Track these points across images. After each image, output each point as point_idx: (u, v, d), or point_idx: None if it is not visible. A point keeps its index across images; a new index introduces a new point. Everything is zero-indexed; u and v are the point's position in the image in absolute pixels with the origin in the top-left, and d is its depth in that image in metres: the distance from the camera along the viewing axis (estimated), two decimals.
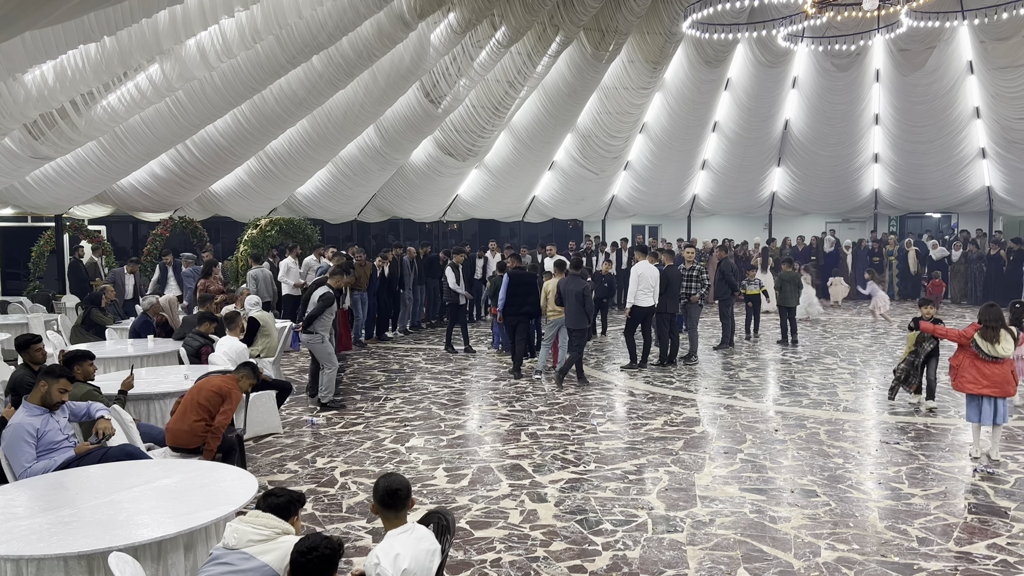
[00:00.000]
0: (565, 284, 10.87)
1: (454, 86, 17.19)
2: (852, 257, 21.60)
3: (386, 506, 3.53)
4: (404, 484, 3.59)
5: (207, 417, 6.00)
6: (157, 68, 11.71)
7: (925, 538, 5.59)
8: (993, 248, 20.06)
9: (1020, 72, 18.85)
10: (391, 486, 3.55)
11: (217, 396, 6.06)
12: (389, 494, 3.53)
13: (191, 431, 5.99)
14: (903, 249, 21.30)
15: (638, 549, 5.44)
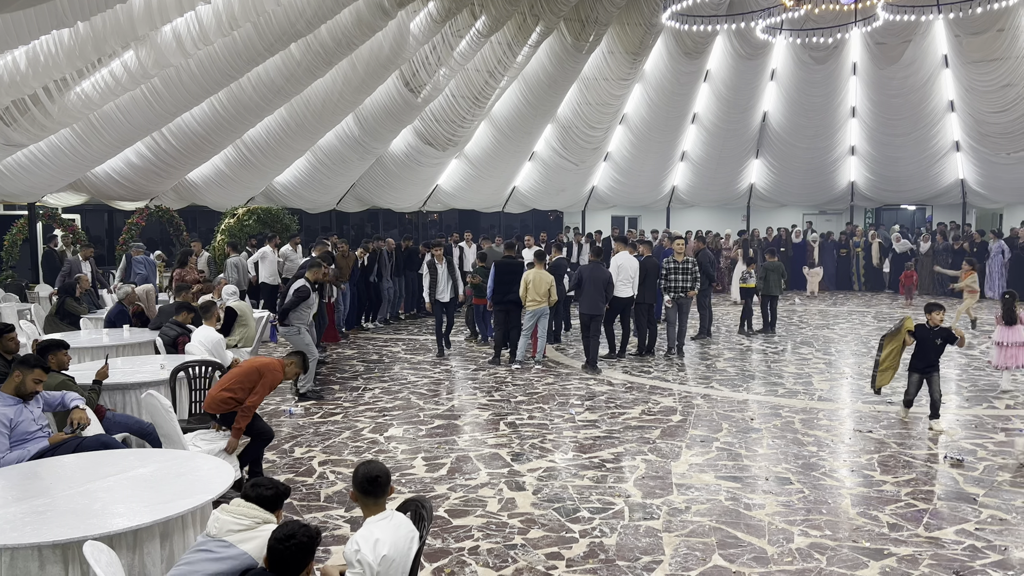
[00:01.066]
0: (590, 271, 11.22)
1: (434, 75, 17.13)
2: (819, 249, 21.88)
3: (366, 493, 3.54)
4: (384, 471, 3.60)
5: (237, 391, 6.02)
6: (132, 55, 11.56)
7: (895, 524, 5.69)
8: (957, 243, 20.38)
9: (994, 66, 19.09)
10: (371, 473, 3.56)
11: (256, 373, 6.06)
12: (369, 481, 3.54)
13: (217, 397, 6.05)
14: (868, 241, 21.68)
15: (615, 536, 5.50)
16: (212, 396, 6.13)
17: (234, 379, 6.08)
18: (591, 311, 11.14)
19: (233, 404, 6.00)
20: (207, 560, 3.31)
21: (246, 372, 6.11)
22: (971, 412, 8.83)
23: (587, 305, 11.14)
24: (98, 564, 3.19)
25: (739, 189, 25.10)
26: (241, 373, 6.11)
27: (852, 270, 22.11)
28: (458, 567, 5.03)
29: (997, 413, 8.76)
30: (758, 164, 24.46)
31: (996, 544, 5.34)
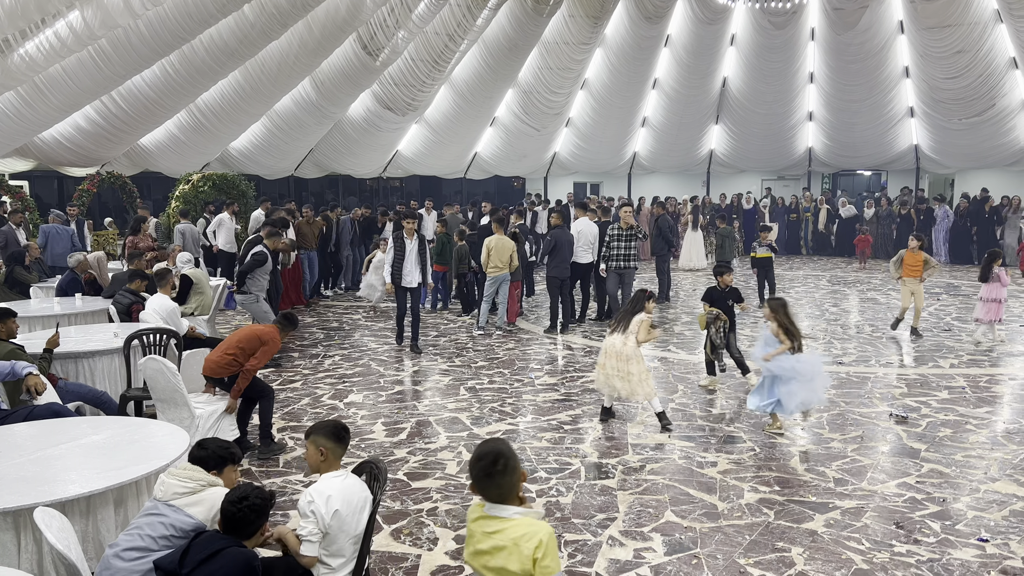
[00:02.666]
0: (559, 235, 11.36)
1: (392, 38, 16.87)
2: (769, 214, 22.25)
3: (339, 440, 3.62)
4: (347, 430, 3.73)
5: (239, 354, 6.15)
6: (77, 15, 11.19)
7: (841, 479, 5.89)
8: (903, 207, 20.85)
9: (947, 32, 19.37)
10: (339, 423, 3.71)
11: (257, 340, 6.20)
12: (341, 428, 3.67)
13: (219, 361, 6.18)
14: (817, 207, 22.15)
15: (571, 495, 5.61)
16: (213, 360, 6.24)
17: (235, 343, 6.20)
18: (562, 275, 11.27)
19: (236, 367, 6.15)
20: (157, 523, 3.32)
21: (248, 337, 6.23)
22: (917, 371, 9.12)
23: (559, 268, 11.26)
24: (49, 530, 3.18)
25: (699, 155, 25.27)
26: (243, 338, 6.23)
27: (800, 235, 22.59)
28: (416, 528, 5.11)
29: (941, 372, 9.05)
30: (718, 130, 24.62)
31: (935, 496, 5.56)
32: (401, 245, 9.98)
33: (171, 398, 5.82)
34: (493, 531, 2.59)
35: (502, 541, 2.52)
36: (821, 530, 5.03)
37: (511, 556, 2.47)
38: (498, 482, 2.63)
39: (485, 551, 2.56)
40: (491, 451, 2.66)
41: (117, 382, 6.95)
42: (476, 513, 2.67)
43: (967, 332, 11.26)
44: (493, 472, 2.63)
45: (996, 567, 4.56)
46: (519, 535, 2.52)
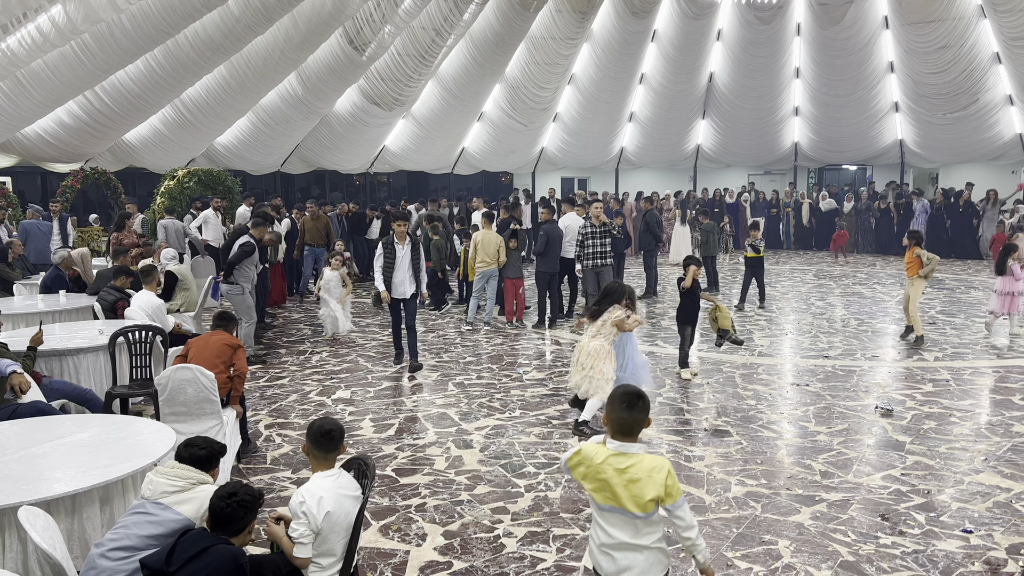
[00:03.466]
0: (551, 229, 11.33)
1: (379, 33, 16.80)
2: (750, 209, 22.38)
3: (317, 445, 3.58)
4: (338, 426, 3.65)
5: (223, 367, 5.85)
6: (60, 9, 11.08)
7: (827, 471, 5.93)
8: (882, 202, 21.01)
9: (932, 28, 19.50)
10: (324, 427, 3.62)
11: (227, 348, 5.94)
12: (323, 434, 3.59)
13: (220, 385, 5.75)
14: (798, 202, 22.28)
15: (559, 490, 5.62)
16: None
17: (210, 360, 5.79)
18: (551, 269, 11.30)
19: (227, 381, 5.86)
20: (144, 522, 3.30)
21: (218, 351, 5.88)
22: (902, 364, 9.19)
23: (548, 263, 11.26)
24: (34, 529, 3.15)
25: (686, 150, 25.33)
26: (213, 354, 5.84)
27: (781, 229, 22.71)
28: (405, 524, 5.10)
29: (926, 365, 9.13)
30: (704, 125, 24.68)
31: (920, 488, 5.61)
32: (391, 251, 8.74)
33: (198, 409, 5.51)
34: (626, 466, 2.96)
35: (637, 473, 2.92)
36: (808, 523, 5.07)
37: (647, 485, 2.90)
38: (637, 417, 3.03)
39: (620, 483, 2.95)
40: (635, 390, 3.12)
41: (102, 379, 6.90)
42: (602, 455, 3.01)
43: (952, 325, 11.36)
44: (635, 407, 3.03)
45: (980, 558, 4.60)
46: (651, 467, 2.94)
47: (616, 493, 2.97)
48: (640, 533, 2.98)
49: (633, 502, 2.94)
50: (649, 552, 2.99)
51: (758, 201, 22.95)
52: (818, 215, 22.13)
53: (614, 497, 2.98)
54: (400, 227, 8.81)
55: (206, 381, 5.49)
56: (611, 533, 3.01)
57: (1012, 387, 8.19)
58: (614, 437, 3.06)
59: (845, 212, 21.54)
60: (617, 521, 3.00)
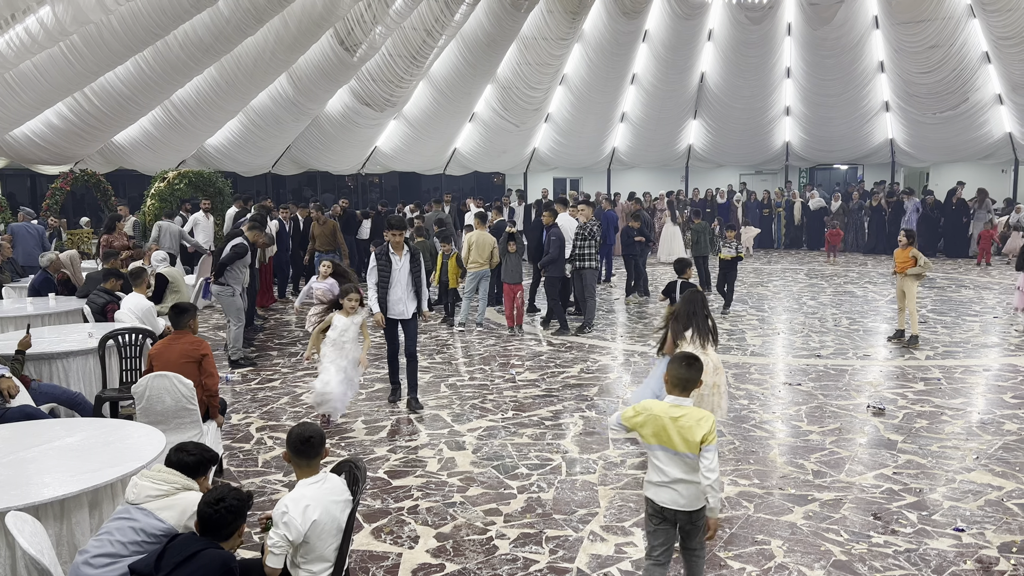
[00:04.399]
0: (559, 233, 10.90)
1: (370, 34, 16.77)
2: (742, 209, 22.44)
3: (298, 453, 3.52)
4: (317, 432, 3.58)
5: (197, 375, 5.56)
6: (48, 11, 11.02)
7: (819, 471, 5.94)
8: (875, 199, 21.09)
9: (922, 27, 19.58)
10: (304, 434, 3.54)
11: (192, 362, 5.54)
12: (302, 441, 3.52)
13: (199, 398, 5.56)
14: (790, 201, 22.35)
15: (552, 491, 5.61)
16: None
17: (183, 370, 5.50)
18: (561, 273, 10.98)
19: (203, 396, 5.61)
20: (126, 528, 3.27)
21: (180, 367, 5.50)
22: (893, 363, 9.21)
23: (558, 268, 10.92)
24: (21, 535, 3.12)
25: (678, 150, 25.36)
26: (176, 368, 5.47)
27: (773, 229, 22.77)
28: (397, 526, 5.08)
29: (917, 363, 9.15)
30: (696, 125, 24.72)
31: (912, 487, 5.62)
32: (387, 263, 7.43)
33: (176, 418, 5.37)
34: (679, 415, 3.69)
35: (688, 421, 3.65)
36: (800, 522, 5.07)
37: (695, 429, 3.62)
38: (693, 376, 3.76)
39: (675, 429, 3.66)
40: (693, 355, 3.87)
41: (92, 383, 6.85)
42: (661, 407, 3.76)
43: (943, 324, 11.40)
44: (692, 367, 3.77)
45: (972, 556, 4.61)
46: (699, 417, 3.67)
47: (671, 437, 3.67)
48: (688, 469, 3.68)
49: (684, 444, 3.64)
50: (695, 485, 3.68)
51: (750, 201, 22.99)
52: (808, 214, 22.23)
53: (669, 440, 3.68)
54: (396, 236, 7.45)
55: (184, 390, 5.32)
56: (665, 471, 3.73)
57: (1003, 385, 8.22)
58: (671, 392, 3.79)
59: (833, 211, 21.63)
60: (670, 460, 3.71)
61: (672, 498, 3.73)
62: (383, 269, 7.44)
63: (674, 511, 3.75)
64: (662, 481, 3.75)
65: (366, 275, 7.78)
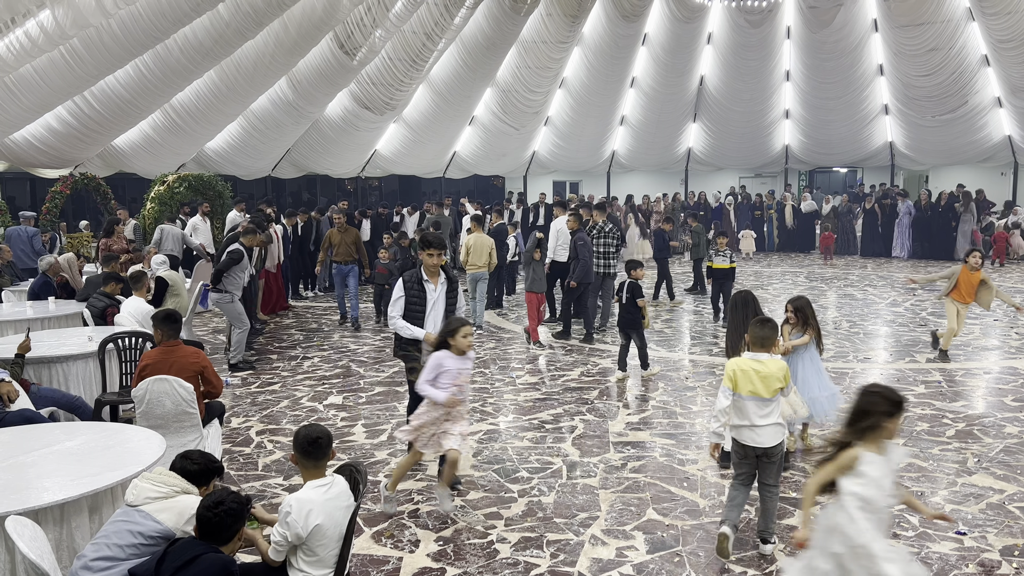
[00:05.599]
0: (584, 239, 10.58)
1: (369, 37, 16.77)
2: (735, 212, 22.44)
3: (306, 455, 3.53)
4: (325, 433, 3.59)
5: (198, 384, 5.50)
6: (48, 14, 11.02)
7: None
8: (868, 201, 21.12)
9: (920, 30, 19.61)
10: (311, 435, 3.55)
11: (194, 376, 5.45)
12: (310, 442, 3.53)
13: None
14: (781, 204, 22.39)
15: (552, 495, 5.60)
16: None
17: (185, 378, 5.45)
18: (588, 279, 10.64)
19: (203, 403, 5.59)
20: (124, 531, 3.26)
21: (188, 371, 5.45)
22: (894, 366, 9.20)
23: (585, 273, 10.56)
24: (21, 539, 3.11)
25: (677, 153, 25.38)
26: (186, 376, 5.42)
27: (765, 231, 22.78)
28: (398, 530, 5.07)
29: (918, 367, 9.14)
30: (696, 128, 24.74)
31: (914, 490, 5.61)
32: (419, 293, 5.85)
33: (176, 422, 5.35)
34: (760, 367, 4.55)
35: (768, 370, 4.54)
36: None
37: (774, 377, 4.53)
38: (768, 334, 4.61)
39: (758, 378, 4.52)
40: (766, 317, 4.83)
41: (92, 386, 6.84)
42: (746, 362, 4.59)
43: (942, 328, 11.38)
44: (767, 326, 4.65)
45: (974, 560, 4.60)
46: (777, 367, 4.57)
47: (755, 385, 4.53)
48: (766, 413, 4.55)
49: (766, 390, 4.51)
50: (775, 426, 4.58)
51: (742, 204, 23.01)
52: (800, 217, 22.25)
53: (754, 388, 4.53)
54: (434, 258, 5.84)
55: (184, 393, 5.30)
56: (748, 415, 4.57)
57: (1004, 388, 8.21)
58: (751, 349, 4.66)
59: (824, 214, 21.69)
60: (753, 406, 4.54)
61: (751, 437, 4.59)
62: (414, 301, 5.86)
63: (753, 447, 4.60)
64: (746, 424, 4.59)
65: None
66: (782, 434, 4.61)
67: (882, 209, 20.64)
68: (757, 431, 4.57)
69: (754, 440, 4.59)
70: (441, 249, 5.90)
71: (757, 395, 4.51)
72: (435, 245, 5.86)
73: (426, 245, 5.89)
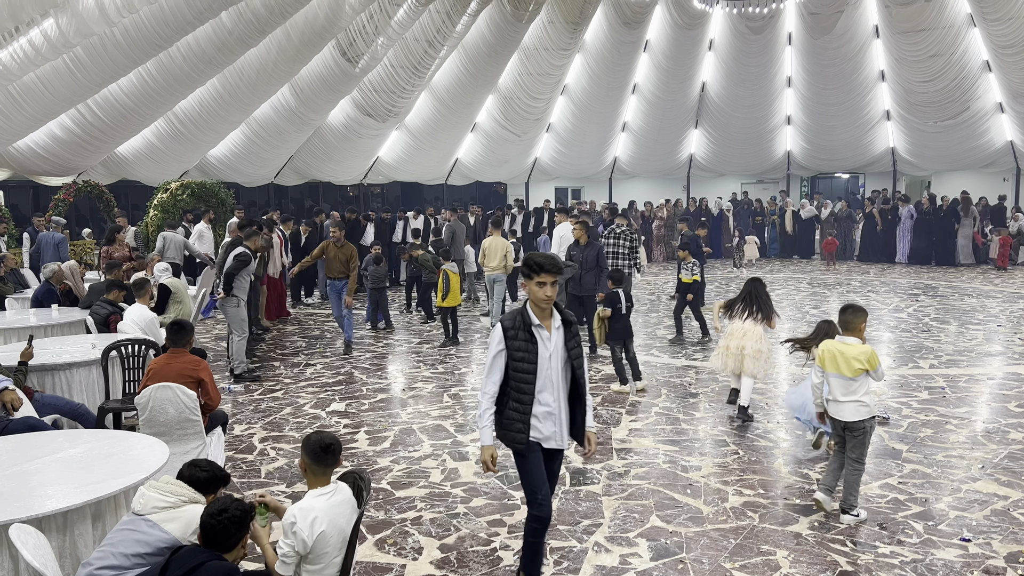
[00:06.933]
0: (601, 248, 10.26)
1: (372, 45, 16.82)
2: (733, 218, 22.46)
3: (318, 461, 3.50)
4: (336, 440, 3.57)
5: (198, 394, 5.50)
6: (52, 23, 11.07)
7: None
8: (867, 205, 21.13)
9: (922, 36, 19.63)
10: (323, 441, 3.52)
11: (193, 383, 5.46)
12: (323, 448, 3.50)
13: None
14: (783, 210, 22.42)
15: (556, 501, 5.58)
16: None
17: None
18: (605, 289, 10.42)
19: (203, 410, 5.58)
20: (131, 540, 3.26)
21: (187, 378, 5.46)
22: (897, 372, 9.19)
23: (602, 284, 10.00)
24: (25, 547, 3.12)
25: (679, 159, 25.40)
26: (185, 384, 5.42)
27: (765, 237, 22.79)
28: (401, 537, 5.06)
29: (921, 373, 9.13)
30: (697, 134, 24.76)
31: (918, 496, 5.60)
32: (527, 343, 4.09)
33: (179, 429, 5.34)
34: (845, 348, 5.14)
35: (852, 352, 5.10)
36: (806, 532, 5.04)
37: (856, 359, 5.07)
38: (851, 319, 5.20)
39: (844, 360, 5.10)
40: (851, 303, 5.32)
41: (95, 394, 6.84)
42: (835, 344, 5.23)
43: (945, 333, 11.37)
44: (848, 312, 5.22)
45: (979, 567, 4.58)
46: (862, 350, 5.11)
47: (839, 365, 5.13)
48: (848, 391, 5.12)
49: (849, 370, 5.08)
50: (857, 403, 5.12)
51: (741, 209, 23.04)
52: (800, 222, 22.25)
53: (838, 368, 5.13)
54: (544, 288, 4.06)
55: (187, 400, 5.30)
56: (834, 392, 5.18)
57: (1008, 394, 8.20)
58: (843, 332, 5.23)
59: (823, 219, 21.71)
60: (838, 383, 5.15)
61: (835, 410, 5.19)
62: (521, 358, 4.06)
63: (836, 420, 5.20)
64: (831, 399, 5.22)
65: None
66: (865, 412, 5.12)
67: (883, 215, 20.64)
68: (840, 406, 5.14)
69: (837, 413, 5.16)
70: (557, 274, 4.04)
71: (840, 374, 5.09)
72: (547, 269, 4.01)
73: (535, 269, 4.04)
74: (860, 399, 5.09)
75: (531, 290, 4.13)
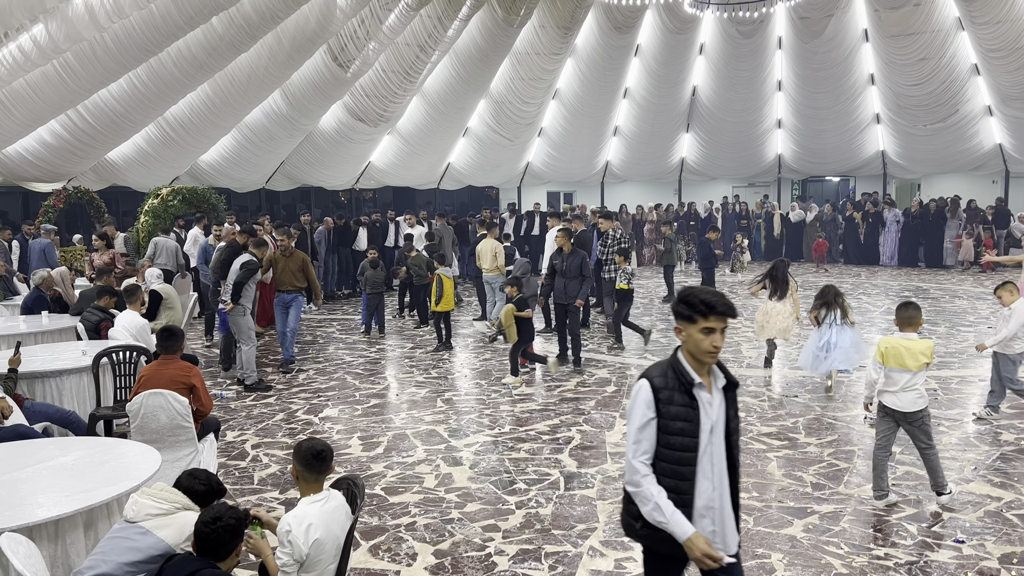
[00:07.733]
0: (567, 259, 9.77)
1: (363, 49, 16.81)
2: (722, 220, 22.54)
3: (310, 468, 3.48)
4: (328, 447, 3.56)
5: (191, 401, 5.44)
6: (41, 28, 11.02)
7: (818, 483, 5.92)
8: (848, 209, 21.25)
9: (911, 40, 19.74)
10: (315, 448, 3.51)
11: (186, 390, 5.42)
12: (314, 455, 3.48)
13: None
14: (769, 213, 22.49)
15: (550, 506, 5.58)
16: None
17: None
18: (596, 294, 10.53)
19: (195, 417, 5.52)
20: (123, 548, 3.23)
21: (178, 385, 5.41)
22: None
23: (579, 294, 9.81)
24: (16, 556, 3.09)
25: (671, 163, 25.46)
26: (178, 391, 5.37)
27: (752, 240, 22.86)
28: (395, 543, 5.04)
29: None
30: (689, 138, 24.82)
31: (911, 498, 5.61)
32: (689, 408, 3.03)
33: (171, 437, 5.29)
34: (909, 344, 5.40)
35: (917, 347, 5.37)
36: (800, 535, 5.05)
37: (920, 353, 5.35)
38: (912, 314, 5.48)
39: (907, 354, 5.35)
40: (908, 301, 5.59)
41: (86, 401, 6.80)
42: (896, 340, 5.45)
43: (936, 335, 11.42)
44: (908, 308, 5.50)
45: (973, 568, 4.59)
46: (924, 345, 5.40)
47: (903, 359, 5.36)
48: (909, 383, 5.37)
49: (915, 364, 5.34)
50: (915, 394, 5.38)
51: (728, 212, 23.13)
52: (788, 226, 22.36)
53: (903, 363, 5.36)
54: (711, 336, 3.00)
55: (179, 407, 5.25)
56: (896, 383, 5.41)
57: None
58: (902, 329, 5.51)
59: (808, 223, 21.81)
60: (900, 377, 5.38)
61: (894, 401, 5.44)
62: (681, 428, 3.04)
63: (894, 410, 5.46)
64: (891, 390, 5.43)
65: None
66: (923, 402, 5.40)
67: (864, 219, 20.78)
68: (899, 396, 5.41)
69: (896, 404, 5.42)
70: (731, 316, 3.00)
71: (905, 368, 5.35)
72: (719, 311, 2.97)
73: (702, 312, 2.99)
74: (919, 390, 5.38)
75: (693, 337, 3.00)
